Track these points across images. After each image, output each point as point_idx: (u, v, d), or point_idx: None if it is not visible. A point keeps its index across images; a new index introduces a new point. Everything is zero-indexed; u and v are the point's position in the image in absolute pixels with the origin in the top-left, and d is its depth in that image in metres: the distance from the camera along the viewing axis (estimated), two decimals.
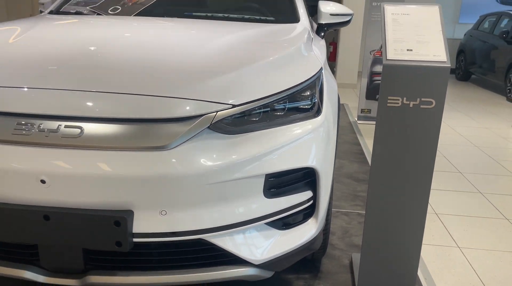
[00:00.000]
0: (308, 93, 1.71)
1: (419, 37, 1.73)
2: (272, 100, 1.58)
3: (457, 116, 6.01)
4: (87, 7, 2.58)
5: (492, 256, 2.44)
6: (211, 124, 1.44)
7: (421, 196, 1.81)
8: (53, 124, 1.40)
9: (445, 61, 1.67)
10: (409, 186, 1.80)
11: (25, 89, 1.49)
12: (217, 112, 1.45)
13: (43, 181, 1.36)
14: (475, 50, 8.90)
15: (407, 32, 1.76)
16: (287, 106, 1.63)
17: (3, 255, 1.53)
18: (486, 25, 9.05)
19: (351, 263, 2.22)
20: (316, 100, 1.72)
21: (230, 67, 1.62)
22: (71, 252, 1.48)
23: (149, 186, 1.38)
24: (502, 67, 7.67)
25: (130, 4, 2.53)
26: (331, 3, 2.75)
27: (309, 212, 1.71)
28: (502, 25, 8.31)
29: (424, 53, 1.70)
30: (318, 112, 1.71)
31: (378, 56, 5.23)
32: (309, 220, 1.72)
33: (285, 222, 1.65)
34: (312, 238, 1.71)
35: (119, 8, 2.52)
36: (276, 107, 1.60)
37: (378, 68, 5.24)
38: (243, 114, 1.52)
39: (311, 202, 1.69)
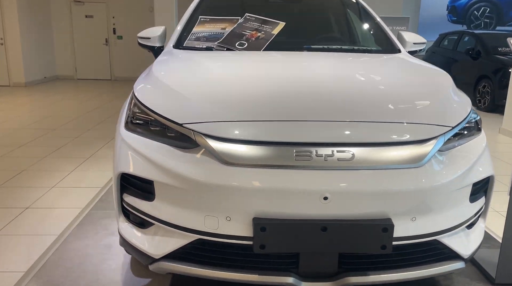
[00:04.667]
0: (472, 113, 2.09)
1: None
2: (465, 121, 1.94)
3: None
4: (215, 43, 2.80)
5: None
6: (444, 142, 1.77)
7: None
8: (328, 150, 1.66)
9: None
10: None
11: (300, 122, 1.74)
12: (445, 133, 1.79)
13: (325, 198, 1.62)
14: (440, 66, 9.84)
15: None
16: (467, 125, 2.00)
17: (266, 266, 1.74)
18: (446, 42, 10.07)
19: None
20: (478, 118, 2.11)
21: (428, 97, 1.96)
22: (327, 258, 1.72)
23: (407, 196, 1.67)
24: (470, 80, 8.60)
25: (254, 39, 2.78)
26: (410, 33, 3.18)
27: (482, 212, 2.07)
28: (464, 42, 9.32)
29: None
30: (479, 129, 2.09)
31: None
32: (482, 219, 2.09)
33: (472, 222, 2.00)
34: (483, 233, 2.08)
35: (245, 44, 2.77)
36: (465, 126, 1.96)
37: None
38: (454, 133, 1.86)
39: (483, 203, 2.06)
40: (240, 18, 2.94)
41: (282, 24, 2.84)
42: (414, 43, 3.08)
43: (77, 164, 4.40)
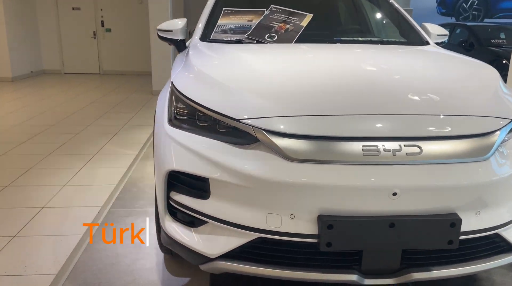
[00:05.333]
0: None
1: None
2: None
3: None
4: (243, 36, 2.74)
5: None
6: (506, 134, 1.75)
7: None
8: (395, 145, 1.62)
9: None
10: None
11: (367, 116, 1.70)
12: (506, 125, 1.77)
13: (394, 194, 1.59)
14: None
15: None
16: None
17: (329, 264, 1.71)
18: None
19: None
20: None
21: (483, 90, 1.94)
22: (390, 254, 1.70)
23: (473, 190, 1.65)
24: None
25: (283, 31, 2.72)
26: (433, 25, 3.17)
27: None
28: (457, 34, 9.43)
29: None
30: None
31: None
32: None
33: None
34: None
35: (275, 36, 2.71)
36: None
37: None
38: None
39: None
40: (265, 10, 2.87)
41: (309, 16, 2.79)
42: (438, 35, 3.07)
43: (84, 161, 4.27)
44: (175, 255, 2.45)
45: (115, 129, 5.58)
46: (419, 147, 1.63)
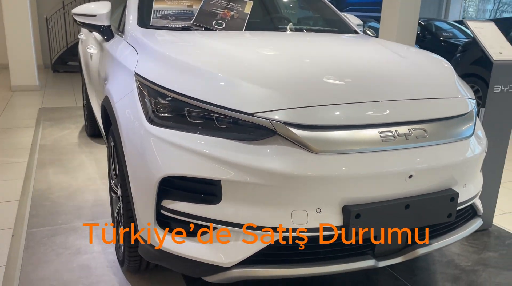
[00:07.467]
0: None
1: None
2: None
3: None
4: (189, 22, 2.51)
5: None
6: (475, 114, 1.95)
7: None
8: (405, 129, 1.67)
9: None
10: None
11: (379, 102, 1.70)
12: (474, 105, 1.97)
13: (410, 176, 1.64)
14: None
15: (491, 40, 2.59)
16: None
17: (349, 253, 1.70)
18: None
19: None
20: None
21: (447, 74, 2.11)
22: (401, 235, 1.76)
23: (465, 165, 1.81)
24: None
25: (229, 19, 2.58)
26: (349, 14, 3.37)
27: None
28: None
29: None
30: None
31: None
32: None
33: None
34: None
35: (222, 23, 2.55)
36: None
37: None
38: None
39: None
40: None
41: (250, 3, 2.69)
42: (357, 25, 3.26)
43: None
44: (143, 271, 2.18)
45: None
46: (424, 130, 1.71)
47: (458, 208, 1.84)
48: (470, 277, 2.28)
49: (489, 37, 2.61)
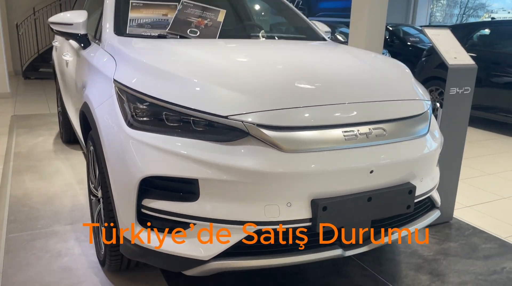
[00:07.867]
0: None
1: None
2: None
3: None
4: (164, 31, 2.61)
5: None
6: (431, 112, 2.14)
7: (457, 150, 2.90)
8: (365, 128, 1.83)
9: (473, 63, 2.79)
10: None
11: (343, 104, 1.84)
12: (429, 106, 2.15)
13: (371, 172, 1.80)
14: None
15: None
16: None
17: (317, 244, 1.83)
18: None
19: None
20: None
21: (403, 77, 2.29)
22: (363, 226, 1.91)
23: (421, 161, 1.98)
24: None
25: (203, 27, 2.69)
26: (318, 22, 3.54)
27: None
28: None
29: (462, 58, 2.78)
30: None
31: None
32: None
33: None
34: None
35: (197, 32, 2.66)
36: None
37: None
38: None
39: None
40: (177, 4, 2.79)
41: (223, 12, 2.82)
42: (325, 32, 3.44)
43: None
44: (124, 271, 2.26)
45: None
46: (383, 129, 1.88)
47: (416, 200, 2.01)
48: (432, 266, 2.46)
49: (445, 43, 2.82)
